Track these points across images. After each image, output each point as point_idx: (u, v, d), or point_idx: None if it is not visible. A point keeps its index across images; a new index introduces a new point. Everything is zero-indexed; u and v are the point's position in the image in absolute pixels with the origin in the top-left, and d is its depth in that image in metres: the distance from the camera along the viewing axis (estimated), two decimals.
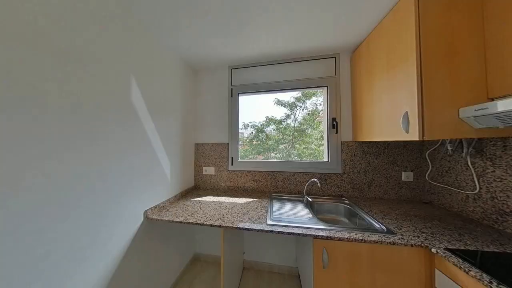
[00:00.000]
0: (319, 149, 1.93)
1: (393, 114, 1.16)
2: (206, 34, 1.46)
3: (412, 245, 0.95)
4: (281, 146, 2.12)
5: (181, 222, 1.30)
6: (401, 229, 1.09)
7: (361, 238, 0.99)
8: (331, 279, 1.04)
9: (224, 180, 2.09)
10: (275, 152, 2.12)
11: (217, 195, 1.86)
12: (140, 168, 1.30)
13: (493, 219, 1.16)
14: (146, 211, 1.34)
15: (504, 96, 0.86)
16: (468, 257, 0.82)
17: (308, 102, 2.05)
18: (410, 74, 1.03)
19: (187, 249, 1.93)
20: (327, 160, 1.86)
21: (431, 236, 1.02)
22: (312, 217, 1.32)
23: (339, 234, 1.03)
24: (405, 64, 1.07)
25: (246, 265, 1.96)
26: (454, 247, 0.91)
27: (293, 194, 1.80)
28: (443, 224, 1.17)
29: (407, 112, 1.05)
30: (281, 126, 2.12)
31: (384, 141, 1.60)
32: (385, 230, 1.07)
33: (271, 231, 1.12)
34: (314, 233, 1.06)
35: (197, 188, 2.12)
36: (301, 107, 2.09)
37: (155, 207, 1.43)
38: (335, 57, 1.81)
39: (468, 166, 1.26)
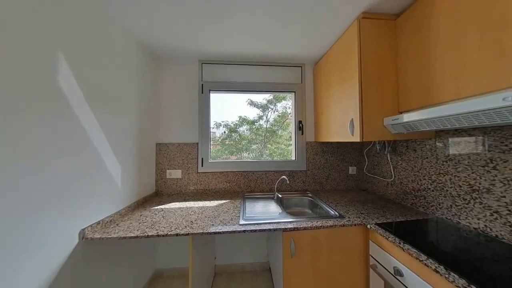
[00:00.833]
0: (288, 148, 1.86)
1: (343, 120, 1.22)
2: (173, 20, 1.13)
3: (355, 225, 1.01)
4: (254, 146, 1.92)
5: (136, 237, 0.91)
6: (348, 212, 1.15)
7: (320, 225, 1.00)
8: (298, 266, 1.00)
9: (193, 183, 1.68)
10: (248, 152, 1.90)
11: (185, 200, 1.49)
12: (73, 175, 0.84)
13: (400, 198, 1.35)
14: (83, 230, 0.88)
15: (407, 111, 1.00)
16: (388, 227, 0.93)
17: (279, 105, 1.93)
18: (355, 89, 1.09)
19: (147, 267, 1.47)
20: (294, 158, 1.76)
21: (367, 216, 1.10)
22: (281, 212, 1.23)
23: (304, 224, 1.01)
24: (351, 80, 1.13)
25: (218, 270, 1.64)
26: (380, 222, 1.01)
27: (265, 192, 1.64)
28: (374, 205, 1.29)
29: (352, 119, 1.12)
30: (254, 127, 1.93)
31: (337, 142, 1.67)
32: (338, 215, 1.12)
33: (244, 231, 0.97)
34: (283, 227, 1.00)
35: (159, 194, 1.64)
36: (272, 109, 1.93)
37: (99, 223, 0.97)
38: (301, 67, 1.76)
39: (388, 160, 1.43)
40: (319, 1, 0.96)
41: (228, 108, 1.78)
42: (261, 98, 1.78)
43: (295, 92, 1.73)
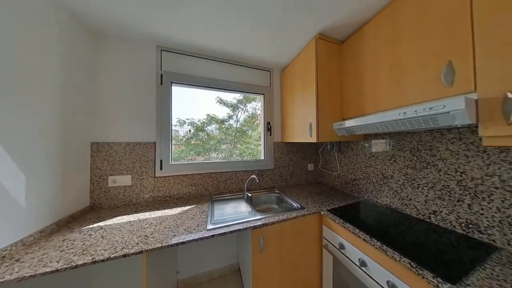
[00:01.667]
0: (257, 148, 1.67)
1: (304, 123, 1.22)
2: None
3: (313, 213, 1.03)
4: (223, 146, 1.59)
5: (56, 270, 0.55)
6: (307, 204, 1.15)
7: (286, 217, 0.95)
8: (266, 259, 0.91)
9: (149, 190, 1.20)
10: (217, 153, 1.55)
11: (136, 211, 1.04)
12: None
13: (343, 187, 1.44)
14: None
15: (348, 118, 1.11)
16: (335, 212, 1.00)
17: (249, 105, 1.68)
18: (313, 98, 1.12)
19: None
20: (263, 158, 1.60)
21: (321, 204, 1.14)
22: (251, 210, 1.08)
23: (271, 220, 0.92)
24: (310, 90, 1.15)
25: (181, 285, 1.25)
26: (330, 208, 1.06)
27: (235, 193, 1.40)
28: (326, 195, 1.34)
29: (311, 123, 1.14)
30: (223, 126, 1.59)
31: (300, 142, 1.66)
32: (300, 207, 1.10)
33: (212, 236, 0.78)
34: (252, 225, 0.87)
35: (96, 208, 1.08)
36: (242, 109, 1.65)
37: None
38: (270, 71, 1.62)
39: (335, 157, 1.52)
40: (284, 15, 0.92)
41: (194, 105, 1.28)
42: (231, 97, 1.51)
43: (264, 94, 1.61)
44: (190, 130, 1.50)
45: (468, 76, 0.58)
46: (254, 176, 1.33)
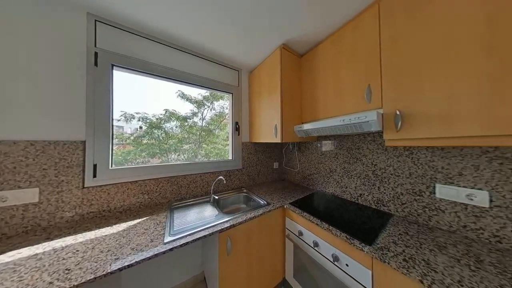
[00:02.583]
0: (225, 148, 1.62)
1: (270, 124, 1.30)
2: None
3: (277, 208, 1.10)
4: (186, 146, 1.42)
5: None
6: (273, 200, 1.22)
7: (253, 215, 0.97)
8: (234, 261, 0.89)
9: (73, 206, 0.90)
10: (178, 153, 1.36)
11: (49, 238, 0.75)
12: None
13: (302, 181, 1.65)
14: None
15: (306, 122, 1.27)
16: (295, 204, 1.12)
17: (216, 103, 1.59)
18: (277, 101, 1.21)
19: None
20: (231, 158, 1.57)
21: (284, 199, 1.23)
22: (218, 213, 1.03)
23: (239, 220, 0.92)
24: (276, 94, 1.23)
25: None
26: (291, 201, 1.18)
27: (199, 197, 1.29)
28: (288, 190, 1.47)
29: (276, 124, 1.22)
30: (186, 124, 1.42)
31: (266, 142, 1.75)
32: (266, 203, 1.15)
33: (171, 249, 0.68)
34: (219, 228, 0.83)
35: None
36: (209, 107, 1.54)
37: None
38: (239, 71, 1.61)
39: (296, 156, 1.71)
40: (252, 21, 0.95)
41: (149, 97, 1.04)
42: (196, 92, 1.26)
43: (232, 93, 1.57)
44: (141, 127, 1.23)
45: (378, 97, 0.82)
46: (221, 177, 1.27)
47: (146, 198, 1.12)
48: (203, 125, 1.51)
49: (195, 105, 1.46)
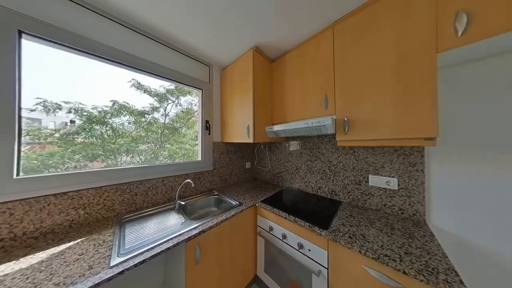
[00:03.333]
0: (193, 149, 1.48)
1: (243, 124, 1.30)
2: None
3: (249, 207, 1.11)
4: (144, 146, 1.20)
5: None
6: (245, 199, 1.23)
7: (225, 217, 0.94)
8: (203, 269, 0.83)
9: None
10: (131, 155, 1.13)
11: None
12: None
13: (272, 179, 1.74)
14: None
15: (276, 123, 1.36)
16: (266, 201, 1.17)
17: (183, 98, 1.43)
18: (250, 102, 1.22)
19: None
20: (201, 159, 1.46)
21: (256, 197, 1.27)
22: (185, 221, 0.93)
23: (209, 224, 0.86)
24: (249, 94, 1.25)
25: None
26: (263, 199, 1.22)
27: (161, 204, 1.13)
28: (260, 188, 1.53)
29: (249, 125, 1.24)
30: (143, 120, 1.19)
31: (239, 142, 1.75)
32: (238, 204, 1.14)
33: (121, 272, 0.56)
34: (186, 236, 0.75)
35: None
36: (174, 102, 1.35)
37: None
38: (210, 67, 1.52)
39: (267, 155, 1.79)
40: (226, 15, 0.91)
41: (87, 84, 0.81)
42: (157, 84, 1.05)
43: (202, 90, 1.46)
44: (73, 121, 0.93)
45: (332, 105, 0.99)
46: (189, 180, 1.16)
47: (81, 214, 0.86)
48: (166, 122, 1.32)
49: (155, 98, 1.25)
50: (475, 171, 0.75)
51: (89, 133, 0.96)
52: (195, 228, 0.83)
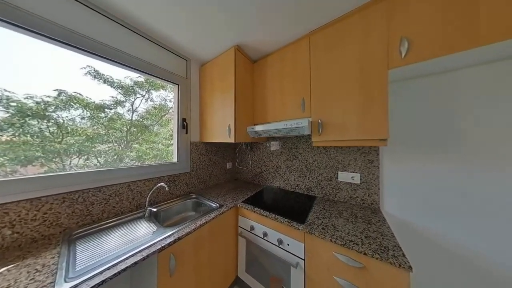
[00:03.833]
0: (168, 149, 1.35)
1: (224, 124, 1.27)
2: None
3: (230, 208, 1.10)
4: (104, 146, 1.02)
5: None
6: (226, 201, 1.21)
7: (204, 221, 0.90)
8: (179, 280, 0.77)
9: None
10: (84, 157, 0.94)
11: None
12: None
13: (254, 179, 1.77)
14: None
15: (257, 124, 1.38)
16: (248, 201, 1.17)
17: (155, 93, 1.28)
18: (231, 102, 1.21)
19: None
20: (177, 160, 1.35)
21: (238, 198, 1.26)
22: (157, 229, 0.85)
23: (186, 230, 0.81)
24: (230, 93, 1.23)
25: None
26: (244, 199, 1.22)
27: (127, 214, 0.98)
28: (241, 189, 1.53)
29: (230, 124, 1.22)
30: (103, 115, 1.01)
31: (219, 142, 1.69)
32: (218, 206, 1.12)
33: None
34: (159, 247, 0.69)
35: None
36: (143, 96, 1.19)
37: None
38: (187, 61, 1.42)
39: (248, 155, 1.80)
40: (205, 10, 0.87)
41: (19, 66, 0.62)
42: (121, 74, 0.92)
43: (179, 85, 1.35)
44: None
45: (309, 108, 1.07)
46: (162, 183, 1.05)
47: (6, 235, 0.66)
48: (133, 118, 1.15)
49: (120, 91, 1.07)
50: (412, 166, 0.95)
51: (21, 130, 0.74)
52: (169, 236, 0.76)
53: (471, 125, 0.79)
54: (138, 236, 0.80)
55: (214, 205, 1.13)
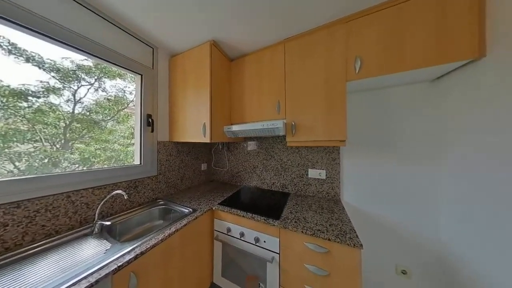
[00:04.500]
0: (127, 149, 1.16)
1: (198, 122, 1.20)
2: None
3: (205, 212, 1.06)
4: (27, 146, 0.75)
5: None
6: (200, 204, 1.15)
7: (174, 229, 0.82)
8: None
9: None
10: None
11: None
12: None
13: (231, 180, 1.74)
14: None
15: (235, 123, 1.37)
16: (224, 203, 1.15)
17: (109, 82, 1.05)
18: (207, 98, 1.16)
19: None
20: (139, 163, 1.18)
21: (213, 200, 1.22)
22: (111, 246, 0.73)
23: (152, 242, 0.73)
24: (205, 89, 1.17)
25: None
26: (220, 201, 1.19)
27: (64, 233, 0.78)
28: (217, 190, 1.48)
29: (205, 123, 1.16)
30: (24, 105, 0.73)
31: (193, 142, 1.56)
32: (192, 210, 1.05)
33: None
34: (114, 267, 0.59)
35: None
36: (92, 84, 0.96)
37: None
38: (154, 49, 1.26)
39: (225, 156, 1.77)
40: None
41: None
42: (56, 54, 0.71)
43: (142, 75, 1.17)
44: None
45: (284, 110, 1.14)
46: (119, 191, 0.88)
47: None
48: (75, 111, 0.91)
49: (54, 74, 0.82)
50: (364, 162, 1.17)
51: None
52: (128, 252, 0.65)
53: (401, 131, 1.05)
54: (84, 258, 0.64)
55: (187, 211, 1.04)
